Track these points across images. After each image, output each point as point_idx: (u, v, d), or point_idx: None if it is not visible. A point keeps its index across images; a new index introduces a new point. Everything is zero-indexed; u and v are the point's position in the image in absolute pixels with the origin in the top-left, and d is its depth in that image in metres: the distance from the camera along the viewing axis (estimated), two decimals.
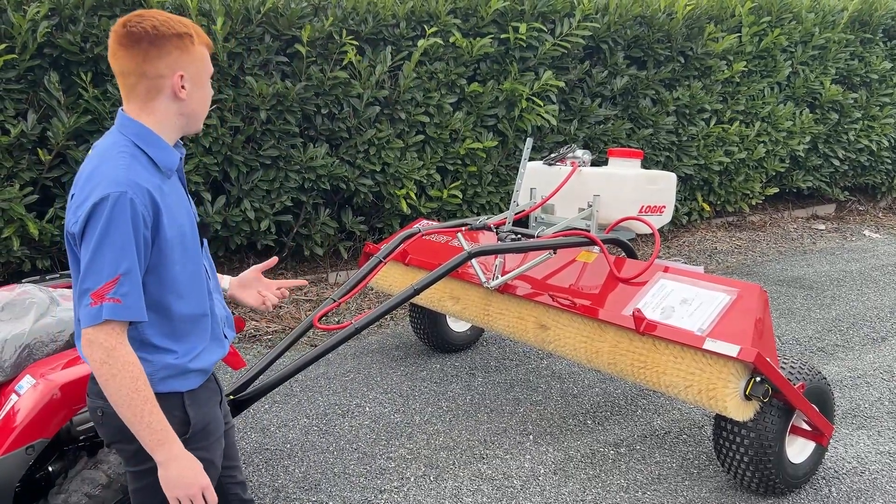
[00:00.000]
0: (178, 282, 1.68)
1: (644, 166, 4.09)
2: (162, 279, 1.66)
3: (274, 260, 1.96)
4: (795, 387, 2.85)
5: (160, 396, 1.65)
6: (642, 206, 3.78)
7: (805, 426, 3.10)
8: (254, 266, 2.12)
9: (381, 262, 3.48)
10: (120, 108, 1.69)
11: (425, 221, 4.29)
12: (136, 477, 1.76)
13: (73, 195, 1.61)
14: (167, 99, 1.66)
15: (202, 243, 1.81)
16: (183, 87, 1.65)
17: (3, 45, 4.39)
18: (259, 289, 2.14)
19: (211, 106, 4.98)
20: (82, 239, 1.57)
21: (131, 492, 1.79)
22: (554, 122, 6.22)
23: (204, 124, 5.00)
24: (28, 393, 2.12)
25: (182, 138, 1.94)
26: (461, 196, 6.20)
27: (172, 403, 1.71)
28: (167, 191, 1.67)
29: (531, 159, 4.49)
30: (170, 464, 1.61)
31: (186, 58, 1.65)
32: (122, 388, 1.55)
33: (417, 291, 3.05)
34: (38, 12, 4.45)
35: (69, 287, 2.74)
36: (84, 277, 1.55)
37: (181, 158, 1.75)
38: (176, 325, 1.70)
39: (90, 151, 1.69)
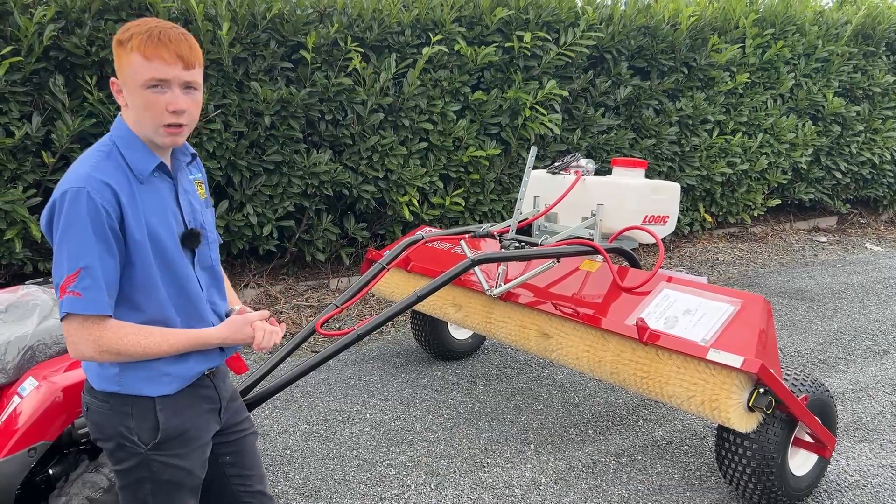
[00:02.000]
0: (150, 284, 1.69)
1: (647, 176, 4.09)
2: (132, 278, 1.67)
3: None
4: (799, 398, 2.84)
5: (131, 399, 1.71)
6: (646, 216, 3.78)
7: (808, 438, 3.09)
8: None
9: (383, 268, 3.48)
10: None
11: (428, 228, 4.29)
12: (117, 476, 1.79)
13: None
14: (123, 105, 1.70)
15: (194, 252, 1.79)
16: (121, 94, 1.67)
17: (10, 48, 4.40)
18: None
19: (215, 111, 5.03)
20: (49, 235, 1.62)
21: (118, 489, 1.81)
22: (557, 131, 6.23)
23: (207, 129, 5.02)
24: (30, 395, 2.12)
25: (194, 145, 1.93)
26: (464, 204, 6.21)
27: (145, 407, 1.73)
28: (140, 193, 1.67)
29: (535, 168, 4.49)
30: (222, 337, 1.75)
31: (119, 63, 1.65)
32: (137, 355, 1.64)
33: (420, 298, 3.04)
34: (44, 15, 4.46)
35: None
36: (53, 271, 1.60)
37: (166, 166, 1.75)
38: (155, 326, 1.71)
39: None
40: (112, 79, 1.67)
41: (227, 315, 1.93)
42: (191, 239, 1.77)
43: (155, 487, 1.77)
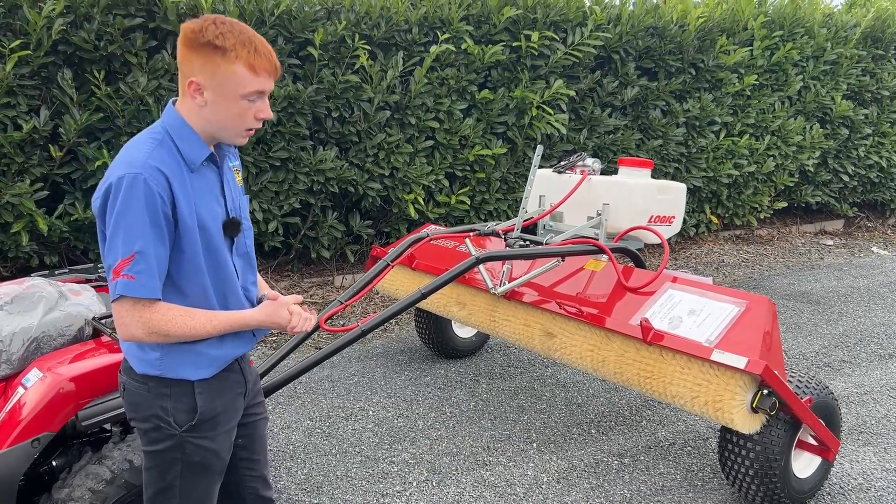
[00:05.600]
0: (196, 270, 1.74)
1: (653, 177, 4.08)
2: (180, 264, 1.72)
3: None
4: (803, 401, 2.83)
5: (171, 382, 1.76)
6: (651, 216, 3.78)
7: (811, 441, 3.08)
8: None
9: (388, 265, 3.48)
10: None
11: (433, 226, 4.28)
12: (147, 456, 1.84)
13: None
14: (189, 99, 1.72)
15: (233, 240, 1.85)
16: (201, 93, 1.70)
17: (18, 42, 4.41)
18: None
19: None
20: (103, 218, 1.66)
21: (143, 470, 1.86)
22: (563, 130, 6.22)
23: None
24: (35, 386, 2.12)
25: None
26: (469, 202, 6.20)
27: (184, 390, 1.78)
28: (191, 181, 1.73)
29: (540, 167, 4.49)
30: (259, 319, 1.80)
31: (210, 69, 1.67)
32: (183, 336, 1.70)
33: (425, 295, 3.04)
34: (53, 9, 4.47)
35: (78, 282, 2.75)
36: (106, 254, 1.65)
37: (215, 157, 1.81)
38: (197, 307, 1.76)
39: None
40: (192, 79, 1.68)
41: (259, 301, 1.97)
42: (232, 227, 1.83)
43: (185, 469, 1.82)
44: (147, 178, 1.62)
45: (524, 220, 3.89)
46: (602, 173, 4.10)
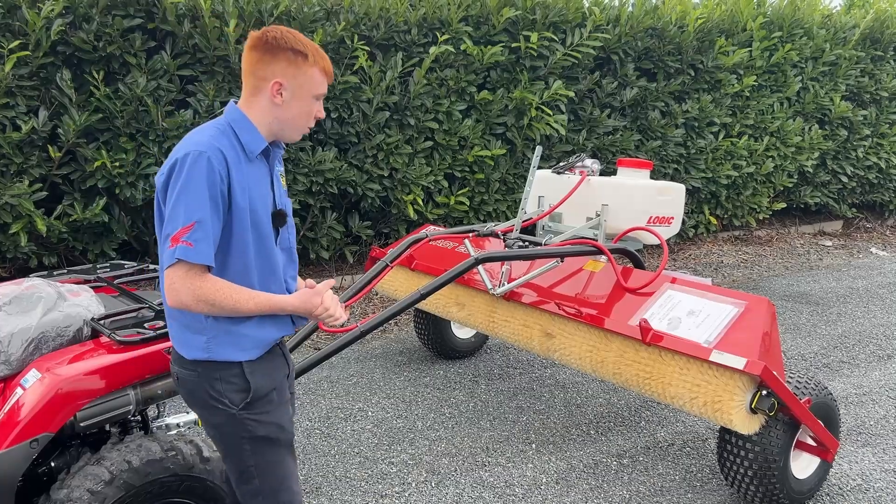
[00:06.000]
0: (242, 250, 1.85)
1: (652, 178, 4.08)
2: (228, 243, 1.83)
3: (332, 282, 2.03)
4: (802, 401, 2.84)
5: (219, 365, 1.86)
6: (651, 217, 3.78)
7: (810, 441, 3.08)
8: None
9: (387, 265, 3.48)
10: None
11: (432, 227, 4.28)
12: (217, 441, 1.96)
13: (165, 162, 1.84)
14: (265, 99, 1.88)
15: (277, 232, 1.96)
16: (280, 93, 1.87)
17: (17, 42, 4.41)
18: None
19: (221, 107, 5.04)
20: (166, 191, 1.78)
21: (223, 460, 1.99)
22: (563, 131, 6.22)
23: None
24: (33, 387, 2.12)
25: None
26: (468, 203, 6.20)
27: (232, 372, 1.88)
28: (247, 169, 1.86)
29: (540, 168, 4.49)
30: (297, 311, 1.90)
31: (292, 70, 1.86)
32: (226, 309, 1.78)
33: (424, 296, 3.04)
34: (52, 10, 4.47)
35: (77, 283, 2.74)
36: (165, 224, 1.76)
37: (270, 151, 1.94)
38: (226, 275, 1.85)
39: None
40: (276, 80, 1.85)
41: None
42: (278, 219, 1.96)
43: (253, 445, 1.92)
44: (210, 156, 1.75)
45: (523, 221, 3.89)
46: (601, 174, 4.11)
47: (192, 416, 2.69)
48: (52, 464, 2.32)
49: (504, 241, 3.74)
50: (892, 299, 6.27)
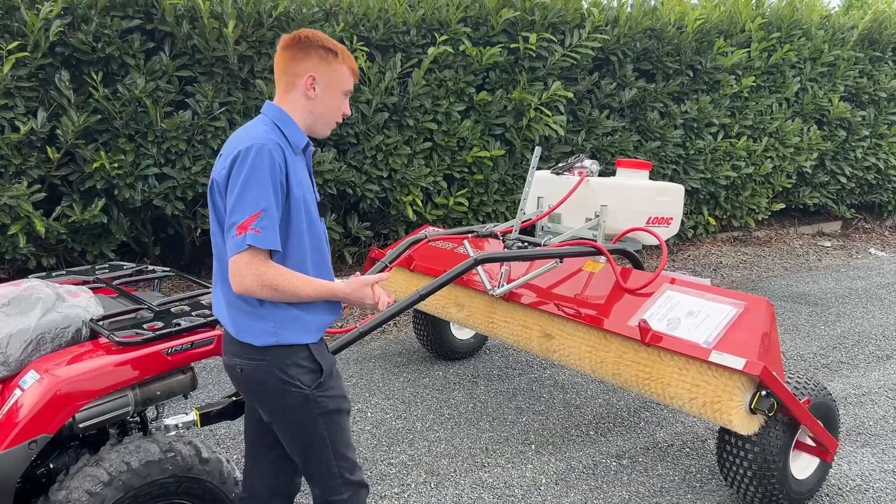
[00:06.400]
0: (299, 238, 1.96)
1: (651, 179, 4.08)
2: (287, 230, 1.94)
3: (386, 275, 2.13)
4: (801, 402, 2.83)
5: (288, 349, 1.96)
6: (650, 218, 3.78)
7: (810, 442, 3.07)
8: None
9: (386, 266, 3.48)
10: (267, 100, 2.06)
11: (431, 228, 4.28)
12: (281, 428, 2.05)
13: (220, 155, 1.96)
14: (299, 94, 2.01)
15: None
16: (313, 88, 2.00)
17: (16, 43, 4.41)
18: None
19: (220, 108, 5.04)
20: (227, 183, 1.88)
21: (286, 443, 2.08)
22: (562, 132, 6.22)
23: (212, 126, 5.04)
24: (32, 388, 2.11)
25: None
26: (467, 204, 6.20)
27: (301, 355, 1.99)
28: (295, 162, 1.97)
29: (539, 168, 4.49)
30: (347, 298, 2.01)
31: (324, 66, 2.00)
32: (287, 294, 1.89)
33: (423, 297, 3.04)
34: (51, 11, 4.47)
35: (75, 284, 2.74)
36: (230, 213, 1.86)
37: (309, 145, 2.08)
38: (285, 262, 1.96)
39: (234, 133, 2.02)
40: (310, 74, 1.98)
41: None
42: (321, 209, 2.11)
43: (326, 420, 2.04)
44: (271, 148, 1.87)
45: (522, 222, 3.89)
46: (600, 175, 4.11)
47: (191, 417, 2.69)
48: (51, 465, 2.32)
49: (503, 241, 3.74)
50: (891, 300, 6.27)
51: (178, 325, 2.40)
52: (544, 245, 3.62)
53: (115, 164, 4.78)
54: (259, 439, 2.21)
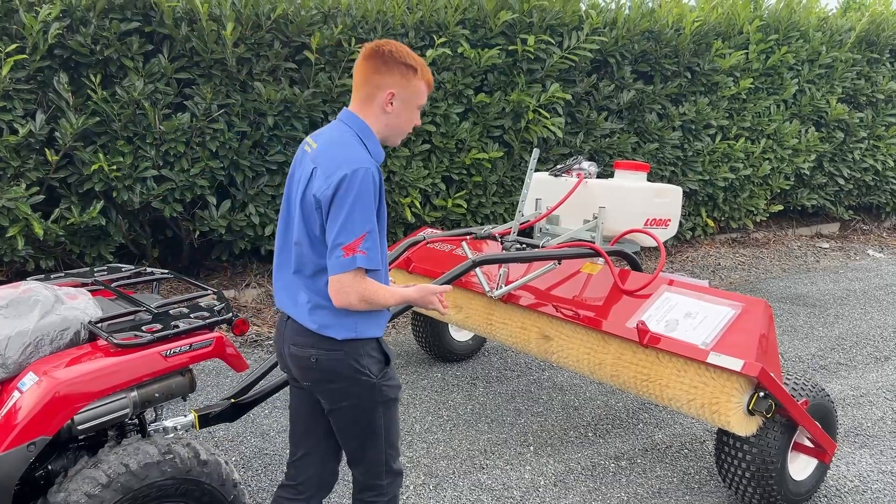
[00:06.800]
0: (384, 250, 2.10)
1: (649, 180, 4.09)
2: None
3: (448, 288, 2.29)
4: (799, 403, 2.84)
5: (363, 341, 2.12)
6: (648, 219, 3.78)
7: (808, 443, 3.08)
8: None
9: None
10: (345, 107, 2.16)
11: (430, 230, 4.29)
12: (342, 414, 2.16)
13: (315, 168, 2.03)
14: (377, 108, 2.10)
15: None
16: (392, 103, 2.09)
17: (14, 46, 4.41)
18: None
19: (218, 111, 5.05)
20: (332, 203, 1.97)
21: (340, 430, 2.19)
22: (560, 134, 6.23)
23: (211, 129, 5.04)
24: (30, 390, 2.11)
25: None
26: (466, 206, 6.21)
27: (373, 346, 2.15)
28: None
29: (537, 170, 4.50)
30: (415, 297, 2.16)
31: (404, 83, 2.09)
32: (378, 305, 2.04)
33: None
34: (49, 13, 4.47)
35: (74, 286, 2.74)
36: (337, 234, 1.96)
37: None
38: (377, 276, 2.08)
39: (317, 137, 2.14)
40: (390, 90, 2.08)
41: None
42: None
43: (384, 408, 2.17)
44: (374, 172, 1.99)
45: (521, 224, 3.89)
46: (598, 177, 4.11)
47: (190, 419, 2.69)
48: (50, 467, 2.32)
49: (501, 243, 3.74)
50: (889, 301, 6.28)
51: (177, 327, 2.41)
52: (542, 247, 3.62)
53: (114, 167, 4.78)
54: (313, 428, 2.32)
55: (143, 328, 2.38)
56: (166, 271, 3.14)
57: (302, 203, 2.05)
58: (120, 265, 3.21)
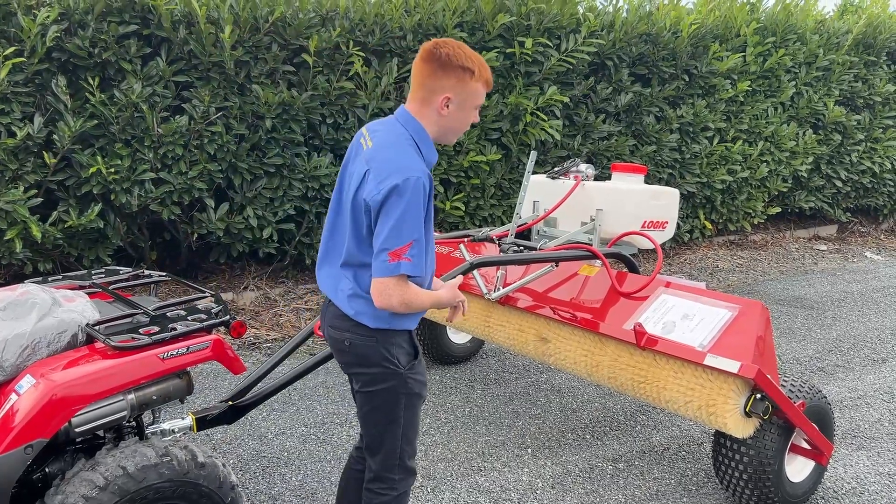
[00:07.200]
0: (430, 255, 2.18)
1: (647, 183, 4.10)
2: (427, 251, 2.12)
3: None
4: (796, 405, 2.84)
5: (395, 332, 2.19)
6: (645, 222, 3.79)
7: (805, 445, 3.08)
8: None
9: None
10: (402, 104, 2.19)
11: None
12: (367, 398, 2.23)
13: (367, 171, 2.05)
14: (433, 110, 2.13)
15: None
16: (447, 106, 2.11)
17: (13, 49, 4.42)
18: None
19: (216, 113, 5.05)
20: (381, 209, 2.00)
21: (363, 415, 2.25)
22: (558, 136, 6.24)
23: (209, 131, 5.05)
24: (28, 392, 2.12)
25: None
26: (464, 208, 6.21)
27: (404, 338, 2.22)
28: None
29: (534, 173, 4.52)
30: (447, 299, 2.23)
31: (459, 86, 2.10)
32: (415, 307, 2.09)
33: None
34: (47, 17, 4.48)
35: (72, 288, 2.75)
36: (385, 239, 2.00)
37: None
38: (419, 282, 2.15)
39: (373, 133, 2.15)
40: (446, 94, 2.09)
41: None
42: None
43: (407, 400, 2.23)
44: (425, 182, 2.02)
45: (518, 226, 3.90)
46: (596, 179, 4.12)
47: (187, 421, 2.69)
48: (47, 469, 2.32)
49: (499, 245, 3.75)
50: (887, 303, 6.29)
51: (175, 329, 2.41)
52: (540, 249, 3.63)
53: (112, 169, 4.79)
54: None
55: (141, 331, 2.38)
56: (164, 274, 3.14)
57: (353, 202, 2.11)
58: (118, 268, 3.21)
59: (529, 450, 3.64)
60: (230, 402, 2.82)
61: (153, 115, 4.88)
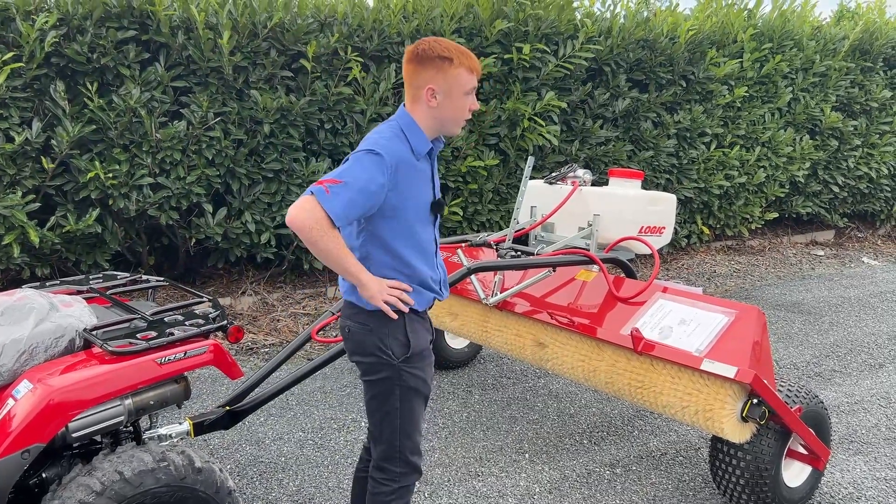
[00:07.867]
0: (409, 234, 2.21)
1: (644, 188, 4.11)
2: (394, 227, 2.18)
3: None
4: (792, 410, 2.85)
5: (390, 321, 2.20)
6: (642, 227, 3.80)
7: (802, 450, 3.09)
8: None
9: None
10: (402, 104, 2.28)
11: None
12: (368, 387, 2.28)
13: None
14: (423, 104, 2.21)
15: (435, 217, 2.34)
16: (434, 97, 2.18)
17: (11, 54, 4.43)
18: None
19: (215, 118, 5.06)
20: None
21: (366, 403, 2.30)
22: (555, 142, 6.25)
23: (207, 136, 5.05)
24: (25, 397, 2.12)
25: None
26: (462, 213, 6.22)
27: (395, 327, 2.23)
28: (415, 167, 2.20)
29: (532, 178, 4.52)
30: (369, 284, 2.15)
31: (440, 76, 2.16)
32: (323, 249, 2.05)
33: None
34: (46, 22, 4.49)
35: (69, 293, 2.75)
36: (324, 174, 1.98)
37: (432, 149, 2.28)
38: (401, 266, 2.23)
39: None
40: (429, 86, 2.16)
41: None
42: (437, 207, 2.33)
43: (402, 393, 2.25)
44: (385, 157, 2.09)
45: (516, 231, 3.91)
46: (593, 184, 4.13)
47: (185, 426, 2.69)
48: (44, 475, 2.32)
49: (497, 251, 3.75)
50: (884, 308, 6.30)
51: (172, 334, 2.41)
52: (537, 254, 3.63)
53: (110, 174, 4.79)
54: None
55: (138, 335, 2.38)
56: (162, 279, 3.14)
57: None
58: (115, 273, 3.21)
59: (527, 455, 3.64)
60: (227, 407, 2.82)
61: (151, 121, 4.89)
